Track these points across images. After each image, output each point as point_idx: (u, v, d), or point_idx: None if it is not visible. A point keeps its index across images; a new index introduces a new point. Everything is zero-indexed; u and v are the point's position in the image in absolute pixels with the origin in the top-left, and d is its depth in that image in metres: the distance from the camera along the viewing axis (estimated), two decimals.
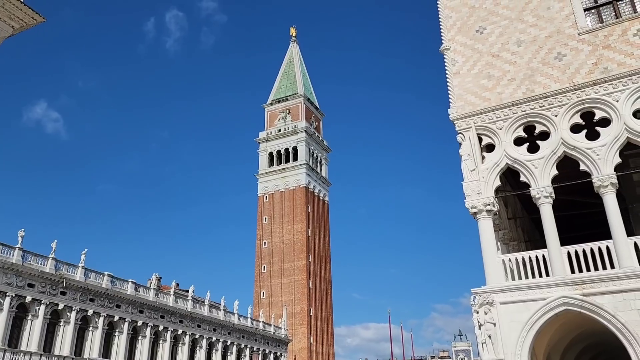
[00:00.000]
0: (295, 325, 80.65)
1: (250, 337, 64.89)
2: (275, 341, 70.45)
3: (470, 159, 17.21)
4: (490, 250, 16.23)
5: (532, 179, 16.23)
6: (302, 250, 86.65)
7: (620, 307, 13.90)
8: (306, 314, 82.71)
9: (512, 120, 16.99)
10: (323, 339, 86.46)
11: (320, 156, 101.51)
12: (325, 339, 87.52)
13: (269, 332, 69.31)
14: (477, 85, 17.92)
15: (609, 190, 15.12)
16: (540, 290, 15.06)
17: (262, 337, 67.41)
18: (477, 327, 15.44)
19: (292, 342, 76.05)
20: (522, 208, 23.25)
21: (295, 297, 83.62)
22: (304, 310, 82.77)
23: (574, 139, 15.96)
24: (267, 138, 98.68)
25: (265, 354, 66.47)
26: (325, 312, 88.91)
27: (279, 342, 71.31)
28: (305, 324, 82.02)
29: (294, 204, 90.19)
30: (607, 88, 15.77)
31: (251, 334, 65.05)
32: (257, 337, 66.24)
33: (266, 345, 67.70)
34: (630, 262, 14.22)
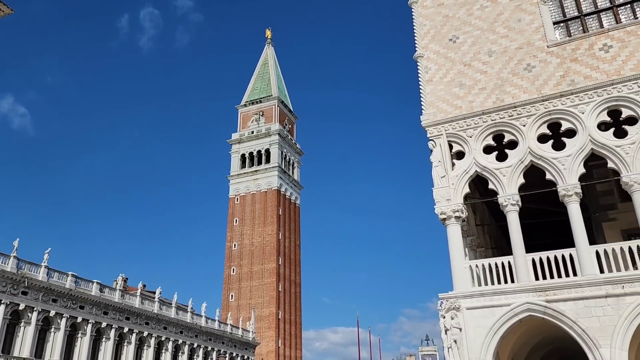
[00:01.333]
0: (263, 329, 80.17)
1: (218, 340, 64.22)
2: (243, 344, 69.90)
3: (440, 166, 17.44)
4: (458, 256, 16.46)
5: (500, 187, 16.54)
6: (273, 253, 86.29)
7: (581, 313, 14.26)
8: (275, 317, 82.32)
9: (482, 128, 17.30)
10: (291, 343, 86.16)
11: (293, 159, 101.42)
12: (294, 342, 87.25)
13: (236, 335, 68.72)
14: (449, 93, 18.19)
15: (573, 199, 15.52)
16: (505, 296, 15.33)
17: (230, 340, 66.79)
18: (443, 332, 15.62)
19: (260, 345, 75.57)
20: (490, 215, 23.68)
21: (264, 300, 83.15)
22: (273, 313, 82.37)
23: (540, 149, 16.34)
24: (240, 140, 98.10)
25: (232, 357, 65.85)
26: (294, 315, 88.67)
27: (247, 346, 70.77)
28: (273, 327, 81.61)
29: (265, 206, 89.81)
30: (573, 100, 16.21)
31: (218, 337, 64.39)
32: (225, 340, 65.60)
33: (233, 349, 67.11)
34: (592, 270, 14.61)
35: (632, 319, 13.68)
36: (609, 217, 19.44)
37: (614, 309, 13.94)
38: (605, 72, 16.04)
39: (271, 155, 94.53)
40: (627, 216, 16.59)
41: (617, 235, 18.50)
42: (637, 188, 14.84)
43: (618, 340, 13.64)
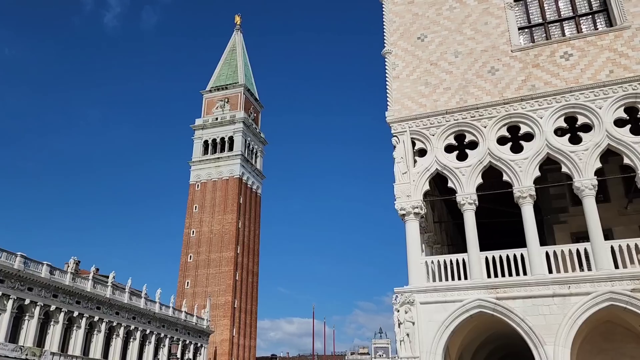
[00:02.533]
0: (218, 317, 79.67)
1: (171, 327, 63.46)
2: (197, 332, 69.31)
3: (402, 162, 17.66)
4: (415, 252, 16.74)
5: (458, 186, 16.89)
6: (231, 241, 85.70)
7: (529, 311, 14.76)
8: (230, 305, 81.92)
9: (444, 127, 17.59)
10: (246, 332, 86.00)
11: (256, 148, 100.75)
12: (248, 331, 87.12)
13: (190, 322, 68.06)
14: (414, 91, 18.40)
15: (527, 201, 16.00)
16: (458, 292, 15.71)
17: (184, 327, 66.11)
18: (396, 325, 15.89)
19: (214, 333, 75.11)
20: (448, 213, 24.18)
21: (220, 289, 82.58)
22: (229, 302, 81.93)
23: (499, 151, 16.75)
24: (204, 125, 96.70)
25: (185, 345, 65.20)
26: (250, 304, 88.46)
27: (201, 333, 70.21)
28: (228, 315, 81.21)
29: (226, 194, 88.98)
30: (533, 105, 16.68)
31: (172, 324, 63.63)
32: (178, 327, 64.88)
33: (187, 336, 66.46)
34: (541, 270, 15.13)
35: (576, 318, 14.25)
36: (560, 220, 20.14)
37: (559, 308, 14.48)
38: (564, 79, 16.55)
39: (235, 143, 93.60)
40: (577, 220, 17.23)
41: (567, 237, 19.20)
42: (587, 193, 15.42)
43: (562, 338, 14.20)
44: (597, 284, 14.39)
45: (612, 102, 15.87)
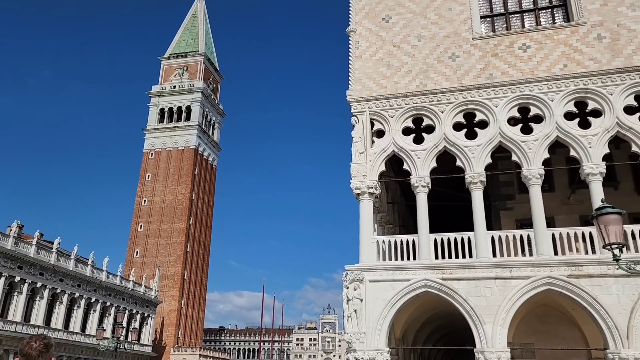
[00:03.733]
0: (167, 288, 78.97)
1: (118, 296, 62.47)
2: (145, 302, 68.53)
3: (360, 142, 17.80)
4: (367, 231, 17.03)
5: (413, 168, 17.20)
6: (184, 212, 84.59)
7: (472, 292, 15.35)
8: (180, 277, 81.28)
9: (403, 110, 17.80)
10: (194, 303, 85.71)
11: (214, 119, 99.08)
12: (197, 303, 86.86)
13: (138, 292, 67.17)
14: (376, 72, 18.48)
15: (477, 187, 16.50)
16: (406, 272, 16.12)
17: (131, 297, 65.20)
18: (345, 302, 16.20)
19: (162, 304, 74.48)
20: (401, 194, 24.63)
21: (170, 259, 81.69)
22: (179, 273, 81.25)
23: (454, 136, 17.13)
24: (160, 93, 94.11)
25: (132, 314, 64.42)
26: (200, 276, 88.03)
27: (148, 303, 69.47)
28: (178, 286, 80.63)
29: (181, 164, 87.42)
30: (489, 93, 17.08)
31: (119, 293, 62.63)
32: (125, 296, 63.93)
33: (134, 306, 65.64)
34: (486, 254, 15.72)
35: (515, 300, 14.94)
36: (507, 206, 20.89)
37: (500, 290, 15.13)
38: (521, 70, 17.00)
39: (192, 112, 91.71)
40: (523, 207, 17.91)
41: (512, 223, 19.97)
42: (534, 182, 16.03)
43: (501, 318, 14.87)
44: (536, 268, 15.08)
45: (563, 95, 16.45)
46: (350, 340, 15.81)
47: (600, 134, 15.88)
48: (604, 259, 14.01)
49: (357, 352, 15.50)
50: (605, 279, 14.46)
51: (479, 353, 14.83)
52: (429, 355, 28.49)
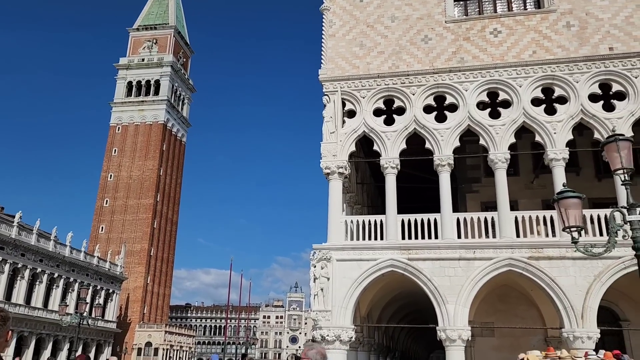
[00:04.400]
0: (133, 264, 78.11)
1: (82, 271, 61.48)
2: (109, 278, 67.70)
3: (331, 122, 17.78)
4: (336, 211, 17.14)
5: (383, 149, 17.32)
6: (151, 188, 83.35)
7: (436, 272, 15.69)
8: (146, 253, 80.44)
9: (375, 91, 17.82)
10: (161, 280, 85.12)
11: (184, 95, 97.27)
12: (163, 280, 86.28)
13: (103, 268, 66.25)
14: (349, 52, 18.40)
15: (445, 169, 16.75)
16: (373, 251, 16.35)
17: (95, 272, 64.28)
18: (312, 280, 16.36)
19: (128, 280, 73.72)
20: (371, 175, 24.82)
21: (137, 236, 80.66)
22: (145, 249, 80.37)
23: (424, 119, 17.28)
24: (128, 66, 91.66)
25: (96, 290, 63.59)
26: (166, 253, 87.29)
27: (113, 279, 68.66)
28: (143, 263, 79.83)
29: (149, 139, 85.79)
30: (460, 77, 17.24)
31: (83, 269, 61.63)
32: (90, 272, 62.98)
33: (98, 282, 64.77)
34: (452, 235, 16.04)
35: (477, 280, 15.35)
36: (473, 189, 21.31)
37: (464, 271, 15.51)
38: (491, 55, 17.20)
39: (161, 87, 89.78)
40: (488, 190, 18.30)
41: (477, 206, 20.40)
42: (500, 166, 16.37)
43: (463, 298, 15.28)
44: (499, 250, 15.50)
45: (531, 81, 16.74)
46: (316, 317, 16.01)
47: (565, 120, 16.28)
48: (563, 242, 14.49)
49: (322, 330, 15.73)
50: (563, 261, 14.98)
51: (440, 331, 15.24)
52: (393, 333, 29.14)
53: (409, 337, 36.71)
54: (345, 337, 15.72)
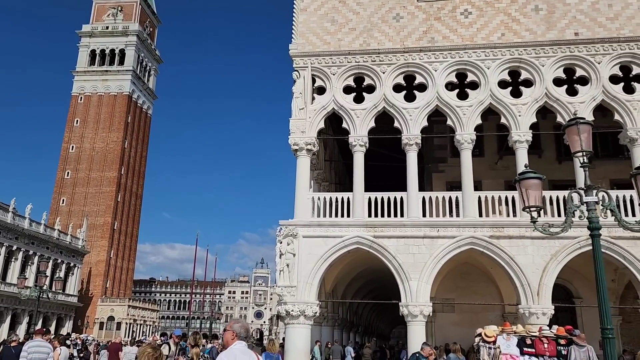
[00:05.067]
0: (95, 238, 76.69)
1: (42, 244, 60.06)
2: (71, 251, 66.38)
3: (301, 98, 17.67)
4: (303, 187, 17.16)
5: (352, 127, 17.36)
6: (115, 161, 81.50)
7: (401, 250, 15.97)
8: (110, 227, 79.02)
9: (345, 68, 17.76)
10: (124, 254, 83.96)
11: (150, 66, 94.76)
12: (127, 254, 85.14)
13: (64, 241, 64.86)
14: (320, 27, 18.22)
15: (412, 148, 16.93)
16: (339, 228, 16.49)
17: (56, 246, 62.89)
18: (278, 256, 16.43)
19: (90, 254, 72.45)
20: (339, 152, 24.89)
21: (99, 209, 79.02)
22: (108, 223, 78.92)
23: (394, 97, 17.36)
24: (92, 33, 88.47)
25: (56, 264, 62.32)
26: (131, 227, 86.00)
27: (75, 253, 67.37)
28: (107, 237, 78.45)
29: (113, 110, 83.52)
30: (430, 57, 17.33)
31: (43, 242, 60.20)
32: (50, 245, 61.59)
33: (59, 255, 63.45)
34: (417, 213, 16.31)
35: (440, 258, 15.71)
36: (439, 169, 21.64)
37: (427, 249, 15.84)
38: (461, 36, 17.31)
39: (126, 57, 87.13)
40: (454, 170, 18.63)
41: (443, 185, 20.76)
42: (466, 146, 16.64)
43: (426, 275, 15.63)
44: (462, 229, 15.86)
45: (499, 64, 16.97)
46: (281, 293, 16.14)
47: (530, 103, 16.61)
48: (523, 222, 14.92)
49: (287, 305, 15.87)
50: (522, 240, 15.46)
51: (403, 307, 15.60)
52: (357, 309, 29.67)
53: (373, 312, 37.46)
54: (310, 312, 15.92)
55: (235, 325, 4.62)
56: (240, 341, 4.50)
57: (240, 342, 4.49)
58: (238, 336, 4.51)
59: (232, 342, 4.49)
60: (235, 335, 4.50)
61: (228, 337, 4.55)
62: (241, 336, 4.53)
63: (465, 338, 16.75)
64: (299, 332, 15.91)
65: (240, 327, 4.57)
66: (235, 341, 4.48)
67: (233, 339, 4.49)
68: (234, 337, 4.49)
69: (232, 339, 4.49)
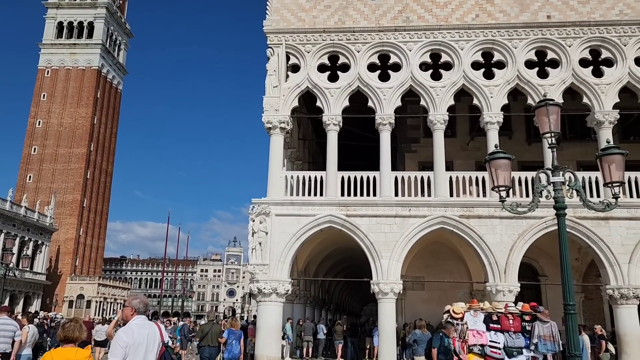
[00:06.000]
0: (64, 215, 75.15)
1: (8, 222, 58.61)
2: (38, 229, 64.99)
3: (275, 76, 17.49)
4: (277, 166, 17.10)
5: (326, 106, 17.30)
6: (84, 137, 79.56)
7: (372, 229, 16.13)
8: (79, 204, 77.50)
9: (320, 46, 17.61)
10: (94, 232, 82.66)
11: (120, 40, 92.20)
12: (97, 232, 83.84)
13: (31, 218, 63.41)
14: (295, 4, 17.96)
15: (386, 128, 16.99)
16: (312, 207, 16.54)
17: (23, 223, 61.46)
18: (250, 234, 16.40)
19: (59, 232, 71.07)
20: (313, 131, 24.83)
21: (68, 186, 77.29)
22: (77, 200, 77.36)
23: (368, 77, 17.33)
24: (59, 4, 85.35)
25: (23, 241, 61.02)
26: (100, 205, 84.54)
27: (42, 231, 65.99)
28: (76, 214, 76.97)
29: (82, 85, 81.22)
30: (405, 36, 17.30)
31: (9, 219, 58.73)
32: (17, 222, 60.15)
33: (27, 233, 62.09)
34: (389, 193, 16.46)
35: (411, 237, 15.93)
36: (412, 149, 21.80)
37: (399, 227, 16.03)
38: (436, 16, 17.31)
39: (95, 29, 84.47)
40: (426, 150, 18.79)
41: (415, 165, 20.95)
42: (438, 127, 16.78)
43: (397, 253, 15.85)
44: (433, 208, 16.09)
45: (473, 45, 17.07)
46: (253, 271, 16.16)
47: (502, 85, 16.81)
48: (492, 202, 15.21)
49: (259, 283, 15.93)
50: (491, 219, 15.78)
51: (374, 284, 15.82)
52: (329, 286, 29.96)
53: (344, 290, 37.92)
54: (282, 290, 16.01)
55: (134, 301, 4.76)
56: (140, 315, 4.64)
57: (140, 317, 4.63)
58: (137, 311, 4.64)
59: (132, 317, 4.63)
60: (134, 311, 4.64)
61: (127, 313, 4.68)
62: (140, 311, 4.67)
63: (434, 315, 17.12)
64: (271, 310, 16.01)
65: (139, 303, 4.70)
66: (134, 316, 4.62)
67: (132, 314, 4.63)
68: (133, 313, 4.63)
69: (132, 314, 4.63)
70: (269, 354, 15.73)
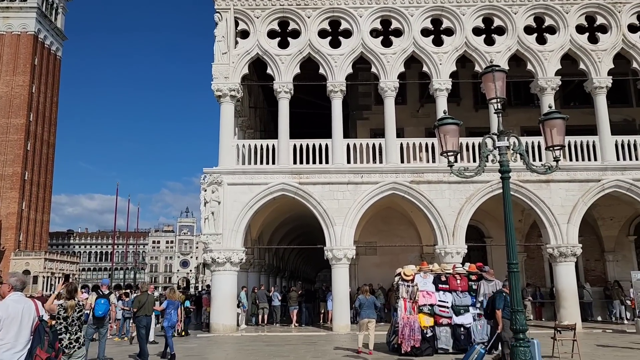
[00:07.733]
0: (4, 189, 71.88)
1: None
2: None
3: (223, 42, 17.06)
4: (228, 134, 16.85)
5: (277, 73, 17.07)
6: (22, 107, 75.55)
7: (326, 196, 16.27)
8: (20, 177, 74.13)
9: (269, 11, 17.24)
10: (38, 206, 79.51)
11: (58, 3, 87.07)
12: (41, 206, 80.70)
13: None
14: None
15: (337, 95, 16.98)
16: (265, 175, 16.48)
17: None
18: (203, 204, 16.23)
19: None
20: (264, 99, 24.51)
21: (7, 159, 73.65)
22: (18, 173, 73.94)
23: (319, 43, 17.16)
24: None
25: None
26: (44, 177, 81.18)
27: None
28: (17, 188, 73.67)
29: (17, 52, 76.60)
30: (355, 2, 17.17)
31: None
32: None
33: None
34: (341, 160, 16.57)
35: (364, 203, 16.19)
36: (364, 116, 21.92)
37: (351, 194, 16.24)
38: None
39: None
40: (377, 117, 18.95)
41: (367, 132, 21.12)
42: (389, 94, 16.92)
43: (350, 219, 16.10)
44: (384, 175, 16.36)
45: (422, 11, 17.15)
46: (207, 241, 16.06)
47: (450, 52, 17.04)
48: (441, 168, 15.61)
49: (213, 252, 15.86)
50: (440, 185, 16.22)
51: (328, 251, 16.06)
52: (283, 254, 30.19)
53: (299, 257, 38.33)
54: (236, 259, 16.02)
55: (11, 278, 5.08)
56: (16, 292, 4.96)
57: (16, 293, 4.95)
58: (14, 288, 4.97)
59: (8, 294, 4.95)
60: (11, 288, 4.97)
61: (5, 290, 5.02)
62: (17, 288, 4.99)
63: (386, 278, 17.62)
64: (225, 279, 16.03)
65: (16, 280, 5.03)
66: (11, 293, 4.94)
67: (9, 291, 4.95)
68: (10, 290, 4.96)
69: (9, 291, 4.96)
70: (225, 322, 15.82)
